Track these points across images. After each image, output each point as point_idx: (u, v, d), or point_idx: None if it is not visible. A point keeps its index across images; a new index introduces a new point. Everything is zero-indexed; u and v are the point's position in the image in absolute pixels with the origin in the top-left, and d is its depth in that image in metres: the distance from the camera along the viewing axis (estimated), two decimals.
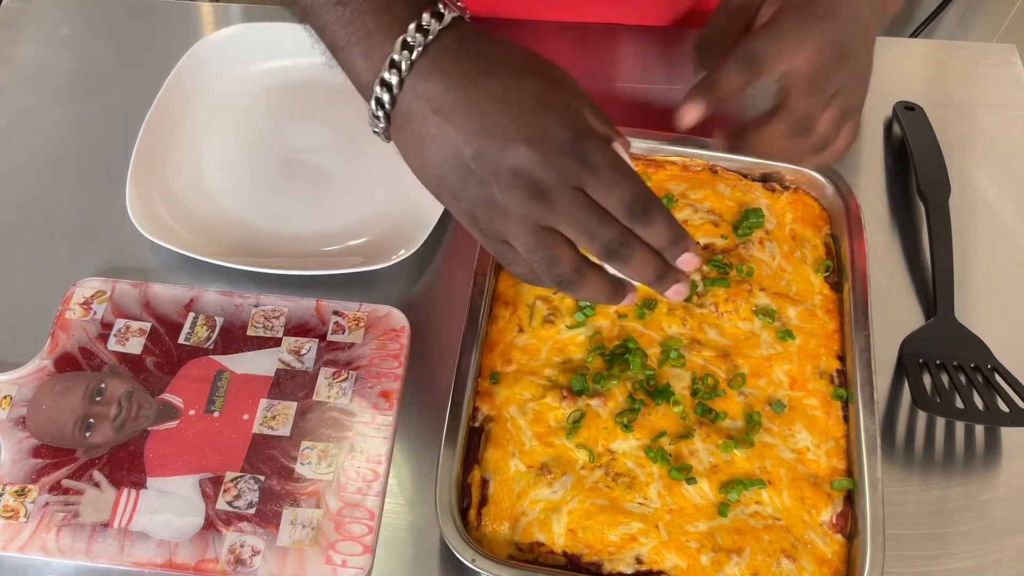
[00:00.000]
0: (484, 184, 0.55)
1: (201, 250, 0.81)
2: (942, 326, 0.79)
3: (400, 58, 0.55)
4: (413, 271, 0.83)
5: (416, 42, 0.55)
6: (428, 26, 0.55)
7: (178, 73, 0.93)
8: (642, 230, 0.56)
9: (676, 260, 0.58)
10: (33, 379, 0.75)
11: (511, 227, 0.56)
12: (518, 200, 0.55)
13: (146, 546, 0.68)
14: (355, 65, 0.57)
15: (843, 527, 0.67)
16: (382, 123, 0.58)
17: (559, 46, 1.01)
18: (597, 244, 0.56)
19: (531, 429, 0.70)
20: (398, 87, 0.56)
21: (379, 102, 0.56)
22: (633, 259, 0.56)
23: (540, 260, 0.57)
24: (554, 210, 0.55)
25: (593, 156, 0.55)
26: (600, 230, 0.55)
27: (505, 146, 0.54)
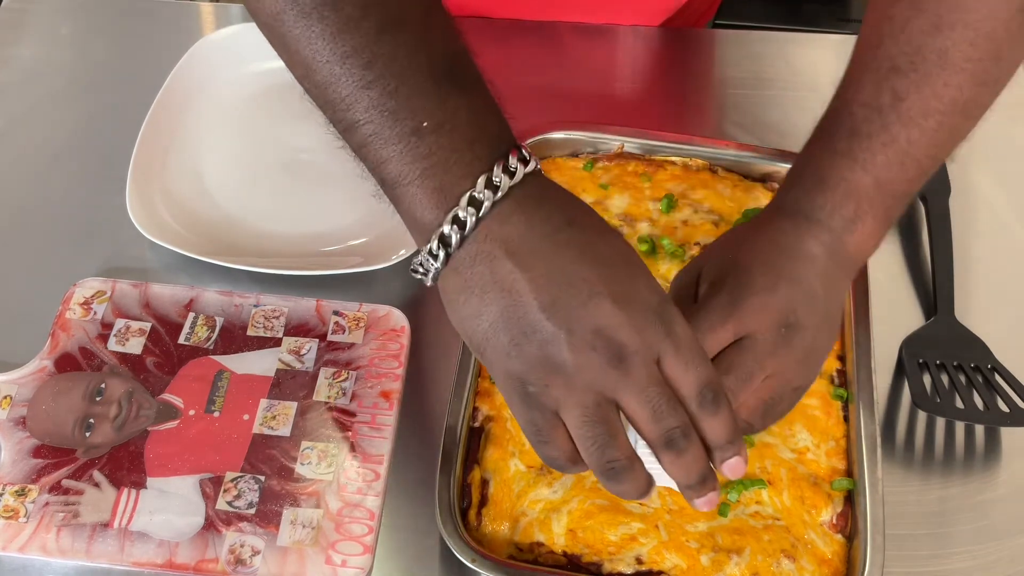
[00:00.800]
0: (554, 340, 0.49)
1: (201, 250, 0.81)
2: (942, 326, 0.79)
3: (481, 196, 0.50)
4: None
5: (501, 183, 0.50)
6: (514, 169, 0.51)
7: (178, 73, 0.93)
8: (708, 419, 0.51)
9: (725, 463, 0.52)
10: (33, 379, 0.75)
11: (571, 394, 0.49)
12: (592, 361, 0.49)
13: (146, 546, 0.68)
14: (421, 201, 0.51)
15: (843, 527, 0.67)
16: (437, 264, 0.52)
17: (559, 46, 1.01)
18: (660, 428, 0.50)
19: None
20: (472, 228, 0.50)
21: (443, 241, 0.51)
22: (687, 454, 0.51)
23: (595, 438, 0.50)
24: (629, 379, 0.49)
25: (677, 327, 0.50)
26: (668, 414, 0.50)
27: (589, 300, 0.49)
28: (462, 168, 0.51)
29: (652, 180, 0.84)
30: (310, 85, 0.54)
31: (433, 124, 0.51)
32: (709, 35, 1.08)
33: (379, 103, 0.51)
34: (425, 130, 0.51)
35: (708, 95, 0.99)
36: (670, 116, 0.95)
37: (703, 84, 0.99)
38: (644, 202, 0.82)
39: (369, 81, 0.51)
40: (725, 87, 1.01)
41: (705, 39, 1.06)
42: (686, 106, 0.96)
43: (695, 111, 0.97)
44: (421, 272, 0.54)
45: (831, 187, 0.60)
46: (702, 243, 0.80)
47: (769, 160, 0.84)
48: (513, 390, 0.52)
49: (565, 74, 0.99)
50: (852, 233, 0.60)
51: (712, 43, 1.05)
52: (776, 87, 0.98)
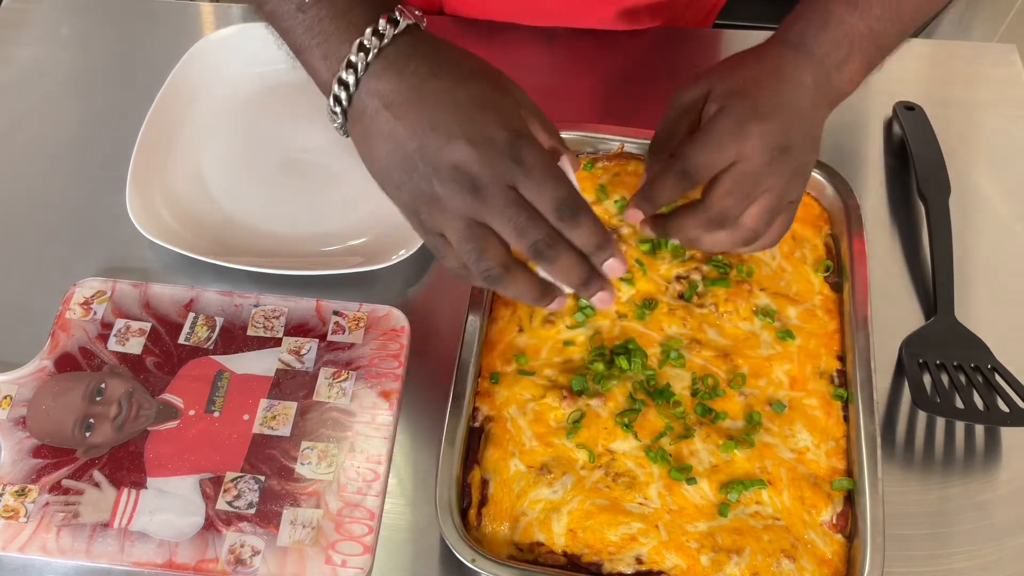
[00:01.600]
0: (425, 177, 0.58)
1: (201, 250, 0.81)
2: (942, 326, 0.79)
3: (356, 59, 0.59)
4: (413, 271, 0.83)
5: (372, 45, 0.59)
6: (383, 31, 0.59)
7: (178, 73, 0.93)
8: (570, 232, 0.58)
9: (602, 265, 0.60)
10: (33, 379, 0.75)
11: (446, 220, 0.59)
12: (455, 193, 0.58)
13: (146, 546, 0.68)
14: (315, 67, 0.61)
15: (843, 527, 0.67)
16: (339, 119, 0.61)
17: (559, 46, 1.01)
18: (525, 242, 0.58)
19: (531, 429, 0.70)
20: (354, 86, 0.59)
21: (336, 99, 0.60)
22: (559, 261, 0.59)
23: (469, 252, 0.59)
24: (487, 205, 0.58)
25: (527, 157, 0.58)
26: (529, 228, 0.58)
27: (447, 142, 0.58)
28: (340, 35, 0.59)
29: None
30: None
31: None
32: (709, 35, 1.07)
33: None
34: (307, 5, 0.60)
35: None
36: None
37: None
38: None
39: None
40: None
41: (705, 39, 1.06)
42: None
43: None
44: (335, 125, 0.63)
45: (832, 28, 0.68)
46: None
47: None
48: (410, 216, 0.62)
49: (565, 74, 0.99)
50: (840, 71, 0.68)
51: (712, 43, 1.05)
52: None
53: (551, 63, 1.00)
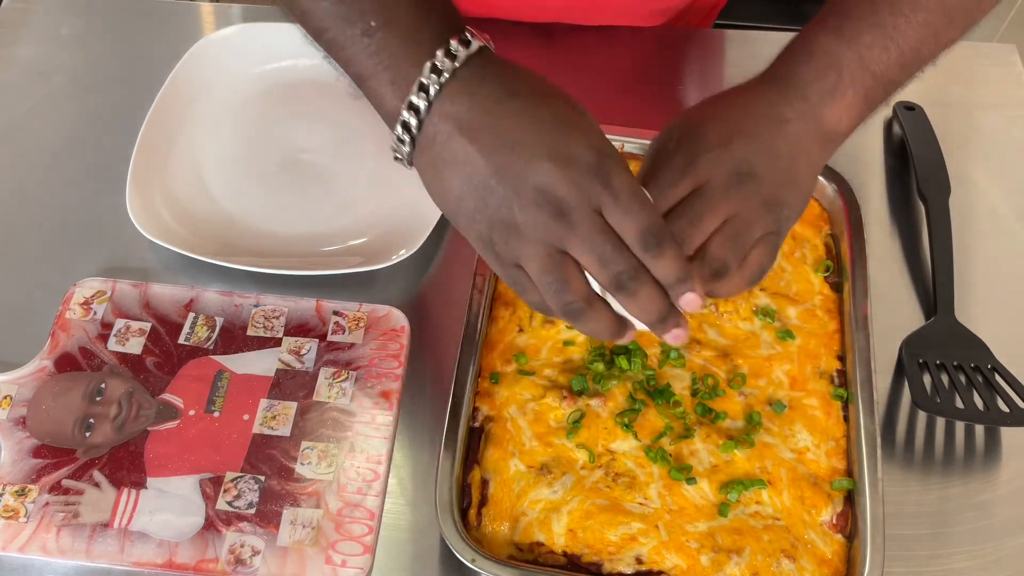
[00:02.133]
0: (504, 203, 0.54)
1: (201, 250, 0.81)
2: (942, 326, 0.79)
3: (428, 82, 0.55)
4: (413, 271, 0.83)
5: (444, 67, 0.55)
6: (456, 52, 0.56)
7: (178, 73, 0.93)
8: (653, 262, 0.55)
9: (680, 299, 0.56)
10: (33, 379, 0.75)
11: (526, 248, 0.55)
12: (538, 219, 0.54)
13: (146, 546, 0.68)
14: (382, 92, 0.57)
15: (843, 527, 0.67)
16: (407, 147, 0.57)
17: (559, 46, 1.01)
18: (608, 273, 0.55)
19: (531, 429, 0.70)
20: (425, 111, 0.56)
21: (406, 126, 0.56)
22: (640, 294, 0.55)
23: (551, 284, 0.55)
24: (572, 231, 0.54)
25: (615, 179, 0.54)
26: (614, 258, 0.54)
27: (529, 163, 0.54)
28: (410, 59, 0.56)
29: None
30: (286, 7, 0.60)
31: (380, 23, 0.57)
32: (709, 35, 1.07)
33: (332, 11, 0.58)
34: (373, 29, 0.57)
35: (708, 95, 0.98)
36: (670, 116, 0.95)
37: (703, 84, 0.99)
38: None
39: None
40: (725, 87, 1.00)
41: (705, 39, 1.06)
42: (687, 106, 0.96)
43: None
44: (398, 157, 0.59)
45: (815, 59, 0.63)
46: None
47: None
48: (485, 249, 0.58)
49: (565, 74, 0.98)
50: (830, 105, 0.62)
51: (712, 43, 1.05)
52: None
53: (551, 63, 1.00)
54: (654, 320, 0.56)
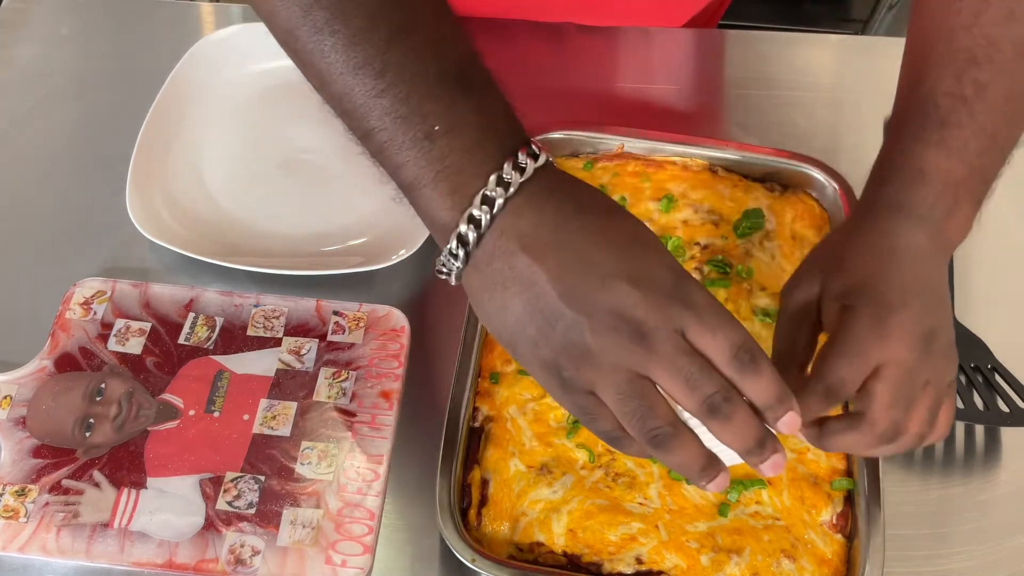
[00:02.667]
0: (575, 327, 0.50)
1: (201, 250, 0.81)
2: None
3: (494, 194, 0.51)
4: (413, 271, 0.83)
5: (511, 180, 0.52)
6: (524, 165, 0.52)
7: (178, 73, 0.93)
8: (749, 380, 0.51)
9: (779, 421, 0.52)
10: (33, 379, 0.75)
11: (602, 375, 0.51)
12: (615, 343, 0.50)
13: (146, 546, 0.68)
14: (437, 203, 0.53)
15: (843, 527, 0.67)
16: (458, 263, 0.53)
17: (560, 46, 1.01)
18: (697, 396, 0.50)
19: (531, 429, 0.70)
20: (487, 225, 0.52)
21: (462, 240, 0.52)
22: (735, 418, 0.51)
23: (634, 412, 0.51)
24: (654, 355, 0.50)
25: (697, 298, 0.51)
26: (703, 381, 0.50)
27: (604, 283, 0.50)
28: (474, 168, 0.52)
29: (652, 180, 0.84)
30: (327, 96, 0.56)
31: (444, 128, 0.52)
32: (709, 35, 1.07)
33: (392, 110, 0.53)
34: (437, 134, 0.52)
35: (708, 95, 0.99)
36: (670, 116, 0.95)
37: (703, 84, 0.99)
38: (644, 202, 0.82)
39: (381, 90, 0.52)
40: (725, 87, 1.01)
41: (705, 39, 1.06)
42: (687, 106, 0.96)
43: (696, 111, 0.97)
44: (445, 272, 0.55)
45: (930, 179, 0.61)
46: (702, 243, 0.80)
47: (769, 160, 0.84)
48: (550, 377, 0.53)
49: (566, 74, 0.99)
50: (951, 221, 0.61)
51: (712, 43, 1.05)
52: (777, 87, 0.98)
53: (552, 63, 1.00)
54: (752, 447, 0.52)
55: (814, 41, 1.04)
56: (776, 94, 0.98)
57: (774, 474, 0.52)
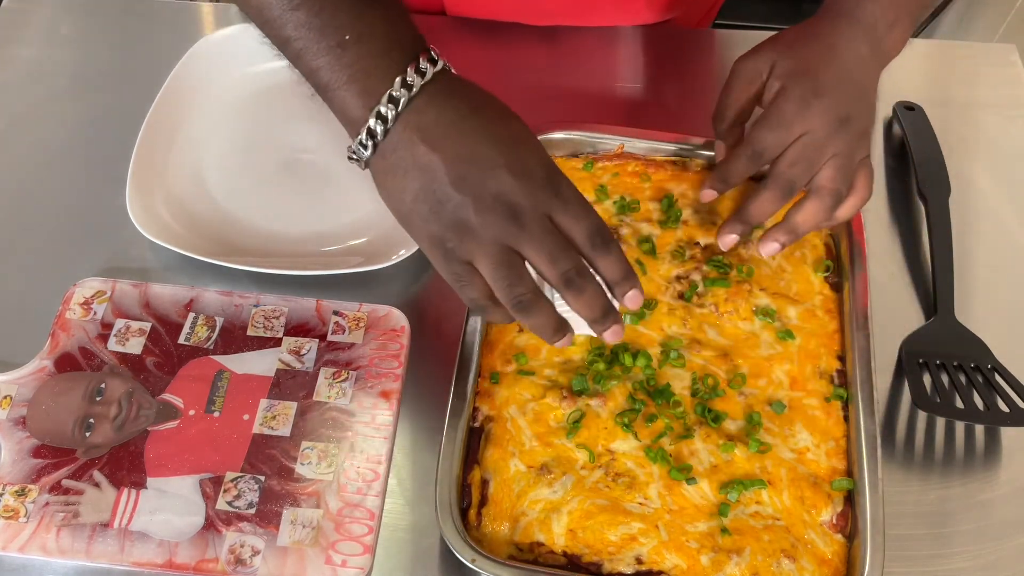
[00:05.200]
0: (461, 206, 0.60)
1: (201, 250, 0.81)
2: (942, 326, 0.79)
3: (399, 95, 0.60)
4: (413, 271, 0.83)
5: (413, 81, 0.60)
6: (424, 69, 0.60)
7: (178, 73, 0.93)
8: (600, 260, 0.62)
9: (624, 296, 0.63)
10: (33, 379, 0.75)
11: (481, 247, 0.60)
12: (494, 221, 0.59)
13: (146, 546, 0.68)
14: (348, 102, 0.61)
15: (843, 527, 0.67)
16: (367, 152, 0.62)
17: (559, 46, 1.01)
18: (557, 270, 0.60)
19: (531, 429, 0.70)
20: (393, 120, 0.60)
21: (371, 133, 0.61)
22: (586, 291, 0.61)
23: (504, 278, 0.60)
24: (525, 232, 0.60)
25: (564, 190, 0.61)
26: (563, 257, 0.60)
27: (489, 171, 0.60)
28: (381, 72, 0.60)
29: (651, 180, 0.84)
30: (249, 9, 0.63)
31: (354, 36, 0.60)
32: (709, 35, 1.07)
33: (306, 22, 0.61)
34: (348, 42, 0.60)
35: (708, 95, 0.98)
36: (670, 116, 0.95)
37: (703, 84, 0.99)
38: (644, 202, 0.82)
39: (297, 3, 0.60)
40: None
41: (705, 39, 1.06)
42: (686, 106, 0.96)
43: (695, 111, 0.96)
44: (355, 159, 0.63)
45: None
46: (702, 243, 0.80)
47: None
48: (435, 248, 0.62)
49: (565, 74, 0.99)
50: (890, 35, 0.74)
51: (712, 43, 1.05)
52: None
53: (551, 63, 1.00)
54: (597, 315, 0.62)
55: None
56: None
57: (613, 340, 0.64)
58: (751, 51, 0.75)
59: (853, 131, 0.71)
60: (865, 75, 0.73)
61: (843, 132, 0.70)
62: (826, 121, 0.70)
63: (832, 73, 0.71)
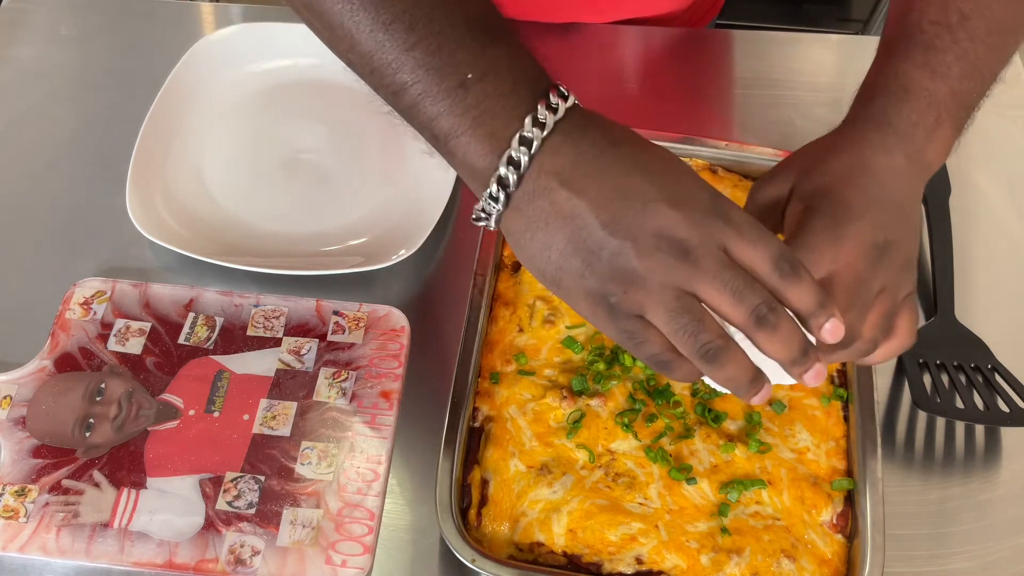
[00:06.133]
0: (621, 252, 0.52)
1: (201, 250, 0.81)
2: (942, 326, 0.79)
3: (531, 135, 0.53)
4: (413, 271, 0.83)
5: (546, 120, 0.53)
6: (556, 105, 0.54)
7: (178, 73, 0.93)
8: (790, 289, 0.52)
9: (822, 328, 0.53)
10: (33, 379, 0.75)
11: (651, 296, 0.52)
12: (661, 263, 0.51)
13: (146, 546, 0.68)
14: (475, 148, 0.54)
15: (843, 527, 0.67)
16: (499, 207, 0.54)
17: (560, 46, 1.01)
18: (744, 308, 0.51)
19: (531, 429, 0.70)
20: (527, 166, 0.53)
21: (502, 183, 0.53)
22: (781, 327, 0.52)
23: (684, 327, 0.52)
24: (700, 270, 0.51)
25: (734, 215, 0.53)
26: (748, 292, 0.51)
27: (644, 207, 0.52)
28: (508, 112, 0.53)
29: None
30: (355, 56, 0.56)
31: (477, 75, 0.53)
32: (709, 35, 1.08)
33: (424, 62, 0.54)
34: (470, 81, 0.53)
35: (708, 95, 0.99)
36: (671, 116, 0.95)
37: (703, 84, 0.99)
38: None
39: (413, 43, 0.54)
40: (725, 87, 1.01)
41: (705, 39, 1.06)
42: (687, 106, 0.96)
43: (695, 111, 0.97)
44: (484, 217, 0.56)
45: (914, 98, 0.63)
46: None
47: (769, 160, 0.84)
48: (597, 307, 0.53)
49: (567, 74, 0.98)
50: (932, 142, 0.63)
51: (712, 43, 1.05)
52: (776, 87, 0.98)
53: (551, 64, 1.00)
54: (796, 356, 0.52)
55: (814, 41, 1.04)
56: (776, 94, 0.98)
57: (816, 383, 0.54)
58: (767, 176, 0.66)
59: (896, 260, 0.60)
60: (904, 191, 0.62)
61: (885, 262, 0.59)
62: (863, 251, 0.59)
63: (863, 192, 0.60)
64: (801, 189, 0.62)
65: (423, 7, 0.54)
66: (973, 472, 0.73)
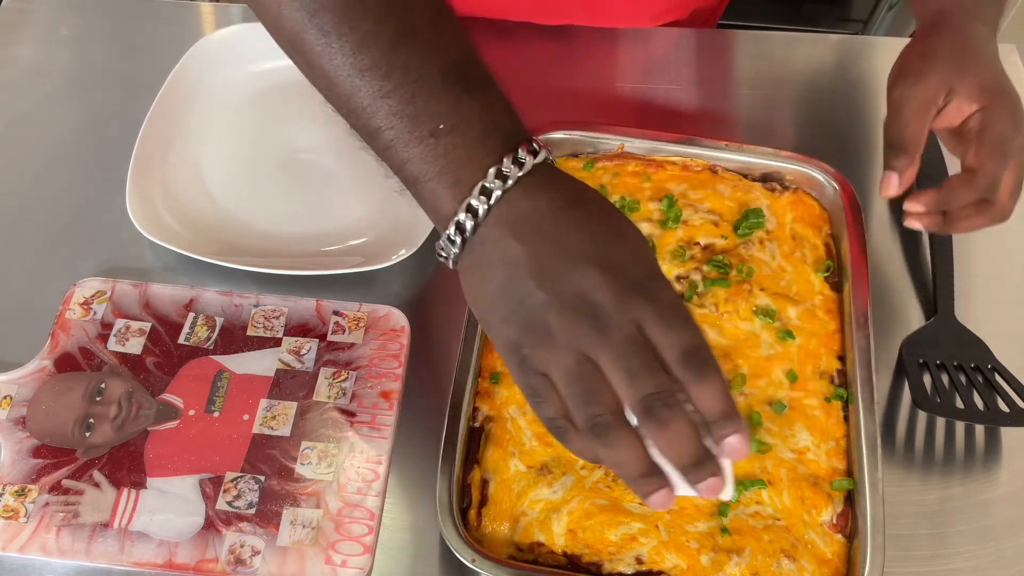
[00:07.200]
0: (540, 306, 0.51)
1: (201, 250, 0.81)
2: (942, 326, 0.79)
3: (492, 186, 0.53)
4: (413, 271, 0.83)
5: (509, 173, 0.54)
6: (523, 160, 0.54)
7: (178, 73, 0.93)
8: (695, 386, 0.50)
9: (723, 441, 0.50)
10: (33, 379, 0.75)
11: (557, 355, 0.51)
12: (572, 323, 0.50)
13: (146, 546, 0.68)
14: (439, 194, 0.55)
15: (843, 527, 0.67)
16: (455, 249, 0.55)
17: (559, 46, 1.01)
18: (635, 392, 0.49)
19: (531, 429, 0.70)
20: (484, 215, 0.54)
21: (460, 228, 0.54)
22: (672, 425, 0.49)
23: (577, 394, 0.50)
24: (604, 339, 0.50)
25: (663, 295, 0.51)
26: (644, 377, 0.49)
27: (575, 267, 0.51)
28: (475, 163, 0.54)
29: (652, 180, 0.84)
30: (332, 96, 0.58)
31: (448, 126, 0.54)
32: (709, 35, 1.07)
33: (398, 110, 0.55)
34: (441, 132, 0.54)
35: (708, 95, 0.99)
36: (670, 116, 0.95)
37: (703, 84, 0.99)
38: (644, 202, 0.82)
39: (388, 91, 0.55)
40: (725, 87, 1.01)
41: (707, 39, 1.06)
42: (687, 106, 0.96)
43: (696, 111, 0.97)
44: (443, 256, 0.57)
45: None
46: (702, 243, 0.80)
47: (769, 160, 0.84)
48: (510, 355, 0.54)
49: (565, 74, 0.99)
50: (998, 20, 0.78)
51: (714, 43, 1.05)
52: (776, 87, 0.98)
53: (551, 64, 1.00)
54: (686, 461, 0.50)
55: (814, 41, 1.04)
56: (776, 94, 0.98)
57: (711, 497, 0.52)
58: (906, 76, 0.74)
59: None
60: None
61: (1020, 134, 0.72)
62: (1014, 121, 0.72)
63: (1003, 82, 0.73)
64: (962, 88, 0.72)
65: (400, 54, 0.55)
66: (973, 472, 0.73)
